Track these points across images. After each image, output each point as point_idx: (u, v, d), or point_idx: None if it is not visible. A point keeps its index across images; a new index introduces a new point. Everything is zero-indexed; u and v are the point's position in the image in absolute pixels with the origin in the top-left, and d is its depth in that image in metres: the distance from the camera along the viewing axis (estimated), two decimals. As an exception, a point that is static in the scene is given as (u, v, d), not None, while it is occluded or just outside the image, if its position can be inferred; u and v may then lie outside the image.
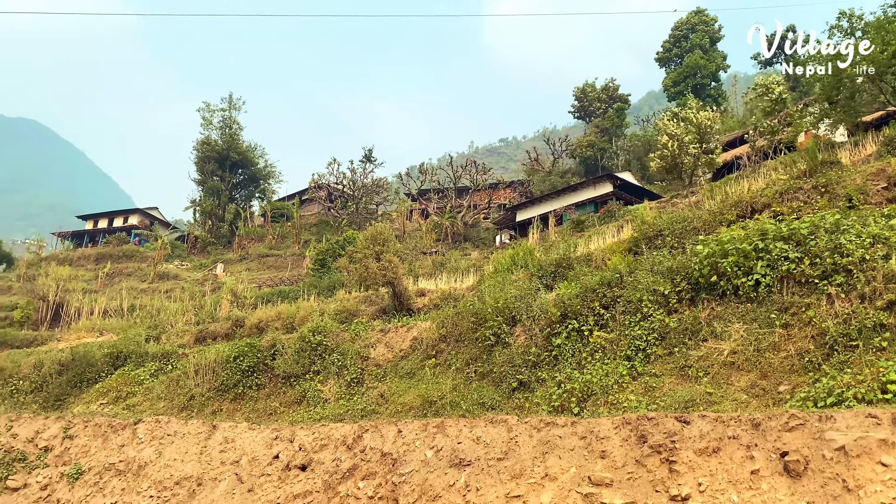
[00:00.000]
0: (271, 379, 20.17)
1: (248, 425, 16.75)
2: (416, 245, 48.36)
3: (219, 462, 15.70)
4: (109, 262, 55.08)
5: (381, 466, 13.20)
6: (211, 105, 68.45)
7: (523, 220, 49.54)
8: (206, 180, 66.39)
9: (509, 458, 11.79)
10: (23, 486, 17.85)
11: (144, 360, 23.66)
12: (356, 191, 61.09)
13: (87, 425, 19.06)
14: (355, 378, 18.91)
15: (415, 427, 13.64)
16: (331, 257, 41.13)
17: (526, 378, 15.38)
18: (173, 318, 32.82)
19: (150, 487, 15.81)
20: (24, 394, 23.61)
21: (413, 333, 20.12)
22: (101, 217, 74.64)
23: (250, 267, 52.58)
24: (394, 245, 26.55)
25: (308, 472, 14.20)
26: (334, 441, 14.55)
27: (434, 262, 37.21)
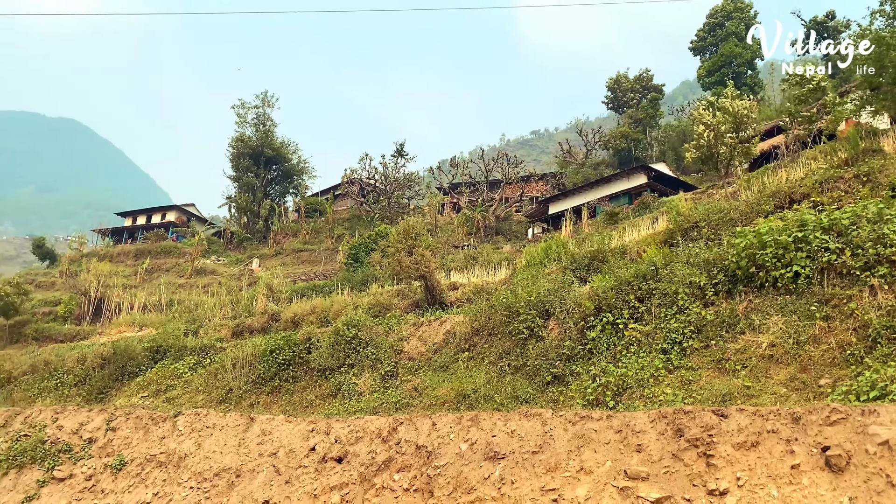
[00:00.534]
0: (307, 372, 20.41)
1: (284, 418, 16.99)
2: (448, 239, 48.39)
3: (257, 454, 15.97)
4: (148, 257, 56.20)
5: (416, 459, 13.30)
6: (245, 102, 69.40)
7: (556, 213, 49.23)
8: (241, 176, 67.30)
9: (544, 452, 11.78)
10: (69, 476, 18.36)
11: (183, 354, 24.11)
12: (388, 185, 61.36)
13: (128, 418, 19.52)
14: (389, 371, 19.04)
15: (449, 420, 13.70)
16: (364, 252, 41.41)
17: (560, 371, 15.33)
18: (211, 313, 33.40)
19: (191, 479, 16.15)
20: (69, 387, 24.25)
21: (446, 327, 20.15)
22: (139, 214, 76.17)
23: (285, 262, 53.18)
24: (426, 239, 26.64)
25: (344, 464, 14.37)
26: (369, 434, 14.69)
27: (466, 256, 37.20)
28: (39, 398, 23.76)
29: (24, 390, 24.70)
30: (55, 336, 36.83)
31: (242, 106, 69.14)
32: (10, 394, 24.70)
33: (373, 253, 37.24)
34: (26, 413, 21.48)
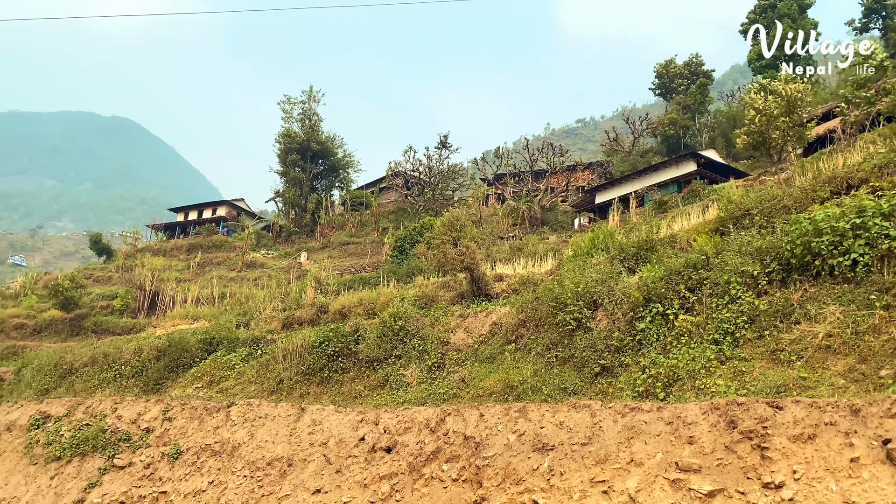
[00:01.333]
0: (355, 363, 20.66)
1: (334, 408, 17.26)
2: (493, 230, 48.28)
3: (308, 444, 16.27)
4: (200, 252, 57.58)
5: (464, 450, 13.37)
6: (291, 98, 70.36)
7: (603, 203, 48.65)
8: (288, 171, 68.34)
9: (593, 443, 11.71)
10: (128, 464, 19.02)
11: (235, 346, 24.66)
12: (432, 177, 61.50)
13: (184, 408, 20.10)
14: (436, 363, 19.14)
15: (497, 411, 13.72)
16: (409, 244, 41.61)
17: (609, 363, 15.19)
18: (261, 305, 34.05)
19: (244, 467, 16.56)
20: (126, 378, 25.05)
21: (492, 318, 20.14)
22: (191, 209, 78.03)
23: (332, 254, 53.84)
24: (471, 230, 26.61)
25: (393, 454, 14.53)
26: (417, 424, 14.82)
27: (511, 247, 37.07)
28: (99, 389, 24.59)
29: (85, 381, 25.60)
30: (113, 329, 38.06)
31: (288, 101, 70.17)
32: (72, 384, 25.63)
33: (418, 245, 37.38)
34: (87, 403, 22.28)
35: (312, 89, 70.84)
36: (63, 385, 25.85)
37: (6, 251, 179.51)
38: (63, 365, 26.84)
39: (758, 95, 33.30)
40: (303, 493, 14.89)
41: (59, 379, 26.30)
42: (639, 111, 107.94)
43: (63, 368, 26.70)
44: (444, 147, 62.47)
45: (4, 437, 22.14)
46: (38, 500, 19.02)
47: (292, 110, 70.01)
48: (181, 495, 16.79)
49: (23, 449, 21.32)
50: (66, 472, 19.61)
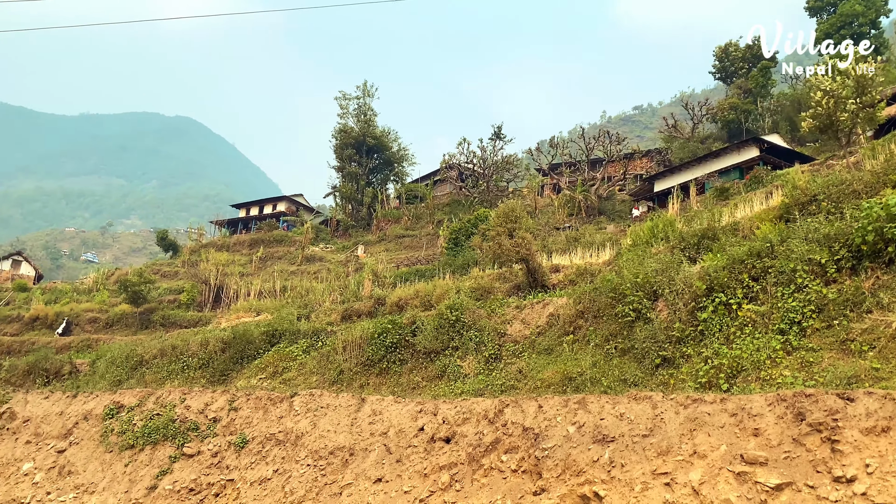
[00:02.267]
0: (413, 354, 20.84)
1: (393, 398, 17.48)
2: (549, 221, 47.91)
3: (368, 433, 16.53)
4: (261, 246, 58.99)
5: (523, 441, 13.37)
6: (347, 94, 71.17)
7: (662, 191, 47.68)
8: (344, 166, 69.26)
9: (655, 435, 11.55)
10: (197, 452, 19.68)
11: (297, 338, 25.20)
12: (486, 169, 61.36)
13: (248, 398, 20.67)
14: (493, 354, 19.14)
15: (555, 403, 13.66)
16: (464, 236, 41.67)
17: (670, 354, 14.92)
18: (321, 298, 34.68)
19: (308, 456, 16.95)
20: (194, 369, 25.90)
21: (549, 310, 20.01)
22: (252, 205, 79.99)
23: (388, 247, 54.37)
24: (526, 221, 26.44)
25: (452, 444, 14.63)
26: (476, 415, 14.87)
27: (567, 238, 36.71)
28: (168, 380, 25.51)
29: (155, 372, 26.59)
30: (180, 322, 39.39)
31: (344, 97, 71.00)
32: (143, 376, 26.67)
33: (473, 237, 37.39)
34: (157, 394, 23.14)
35: (367, 84, 71.51)
36: (134, 376, 26.91)
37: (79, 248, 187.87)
38: (134, 357, 27.93)
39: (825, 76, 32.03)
40: (364, 481, 15.15)
41: (130, 370, 27.38)
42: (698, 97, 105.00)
43: (134, 360, 27.78)
44: (499, 138, 62.23)
45: (82, 425, 23.20)
46: (114, 486, 19.88)
47: (348, 106, 70.88)
48: (247, 483, 17.30)
49: (99, 437, 22.30)
50: (139, 460, 20.42)
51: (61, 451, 22.35)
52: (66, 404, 24.59)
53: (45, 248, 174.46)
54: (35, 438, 23.49)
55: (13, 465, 22.60)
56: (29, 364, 30.76)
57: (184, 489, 18.39)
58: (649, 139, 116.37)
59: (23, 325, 43.69)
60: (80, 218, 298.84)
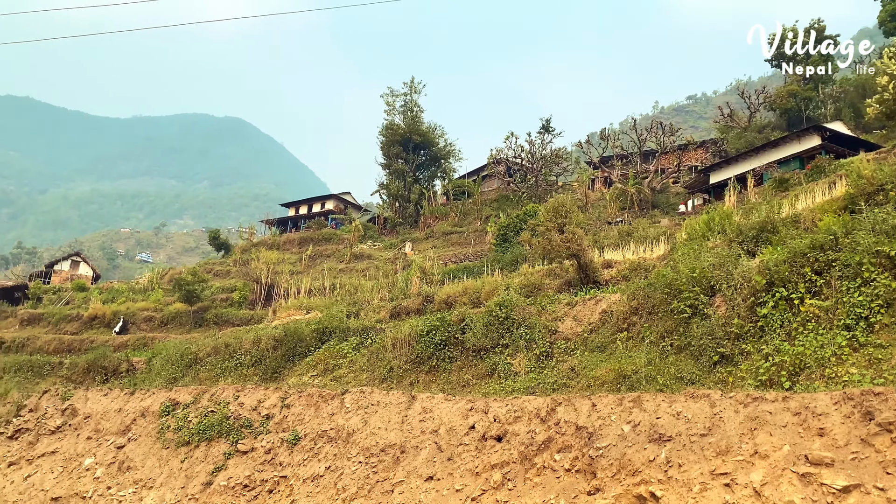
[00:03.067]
0: (462, 352, 20.90)
1: (443, 396, 17.56)
2: (600, 215, 47.33)
3: (419, 431, 16.65)
4: (311, 245, 59.88)
5: (576, 440, 13.27)
6: (394, 90, 71.56)
7: (717, 182, 46.60)
8: (391, 163, 69.69)
9: (713, 434, 11.33)
10: (250, 449, 20.15)
11: (347, 335, 25.55)
12: (535, 163, 60.91)
13: (300, 395, 21.05)
14: (544, 352, 19.06)
15: (609, 401, 13.53)
16: (512, 232, 41.50)
17: (728, 351, 14.61)
18: (370, 296, 35.05)
19: (359, 454, 17.17)
20: (246, 367, 26.50)
21: (602, 306, 19.82)
22: (301, 204, 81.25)
23: (436, 244, 54.54)
24: (576, 216, 26.18)
25: (504, 443, 14.63)
26: (528, 413, 14.84)
27: (620, 232, 36.20)
28: (222, 377, 26.16)
29: (209, 370, 27.29)
30: (232, 320, 40.29)
31: (391, 94, 71.45)
32: (197, 373, 27.41)
33: (522, 233, 37.21)
34: (212, 391, 23.76)
35: (414, 80, 71.77)
36: (189, 374, 27.67)
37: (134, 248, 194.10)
38: (188, 355, 28.72)
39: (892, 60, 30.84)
40: (416, 479, 15.27)
41: (185, 368, 28.18)
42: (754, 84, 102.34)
43: (188, 358, 28.57)
44: (547, 131, 61.67)
45: (140, 422, 23.99)
46: (171, 481, 20.51)
47: (395, 102, 71.28)
48: (300, 480, 17.63)
49: (156, 434, 23.03)
50: (194, 456, 21.01)
51: (120, 446, 23.17)
52: (124, 401, 25.45)
53: (102, 248, 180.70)
54: (96, 434, 24.40)
55: (76, 460, 23.53)
56: (88, 362, 31.94)
57: (238, 485, 18.85)
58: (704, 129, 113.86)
59: (82, 324, 45.39)
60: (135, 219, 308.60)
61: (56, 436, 25.24)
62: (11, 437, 25.86)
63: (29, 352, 39.64)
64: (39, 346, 40.53)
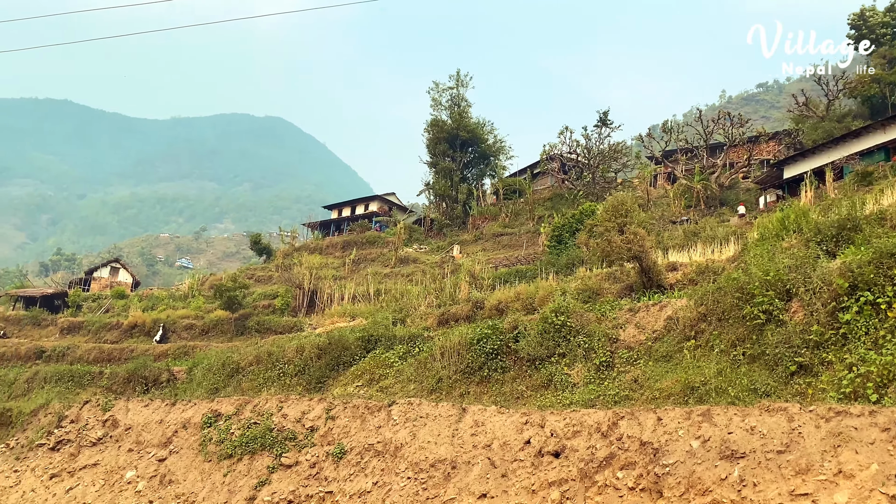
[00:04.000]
0: (515, 362, 20.82)
1: (496, 409, 17.52)
2: (664, 213, 46.69)
3: (471, 445, 16.65)
4: (354, 248, 60.62)
5: (640, 456, 13.10)
6: (440, 84, 71.80)
7: (792, 177, 45.44)
8: (437, 162, 69.95)
9: (791, 451, 11.03)
10: (295, 463, 20.43)
11: (393, 343, 25.73)
12: (591, 159, 60.40)
13: (346, 407, 21.27)
14: (604, 361, 18.88)
15: (676, 415, 13.32)
16: (568, 232, 41.26)
17: (807, 360, 14.22)
18: (416, 302, 35.26)
19: (408, 469, 17.25)
20: (290, 376, 26.93)
21: (667, 312, 19.54)
22: (344, 206, 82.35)
23: (485, 247, 54.58)
24: (638, 215, 25.90)
25: (562, 459, 14.52)
26: (587, 428, 14.70)
27: (685, 232, 35.67)
28: (264, 387, 26.64)
29: (251, 380, 27.84)
30: (274, 328, 41.02)
31: (437, 88, 71.73)
32: (240, 383, 27.98)
33: (578, 233, 37.02)
34: (254, 402, 24.21)
35: (460, 73, 71.90)
36: (231, 384, 28.27)
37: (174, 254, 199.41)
38: (230, 364, 29.35)
39: None
40: (468, 496, 15.27)
41: (227, 378, 28.80)
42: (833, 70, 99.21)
43: (230, 368, 29.20)
44: (605, 124, 61.09)
45: (181, 434, 24.60)
46: (214, 496, 20.96)
47: (441, 97, 71.57)
48: (346, 496, 17.81)
49: (197, 446, 23.58)
50: (237, 470, 21.43)
51: (162, 459, 23.79)
52: (165, 412, 26.14)
53: (141, 254, 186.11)
54: (137, 446, 25.13)
55: (117, 473, 24.27)
56: (129, 372, 32.95)
57: (282, 501, 19.15)
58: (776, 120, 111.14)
59: (122, 333, 46.90)
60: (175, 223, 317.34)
61: (97, 447, 26.07)
62: (53, 449, 26.82)
63: (69, 361, 41.16)
64: (80, 356, 42.02)
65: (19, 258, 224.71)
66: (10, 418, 30.86)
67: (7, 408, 31.85)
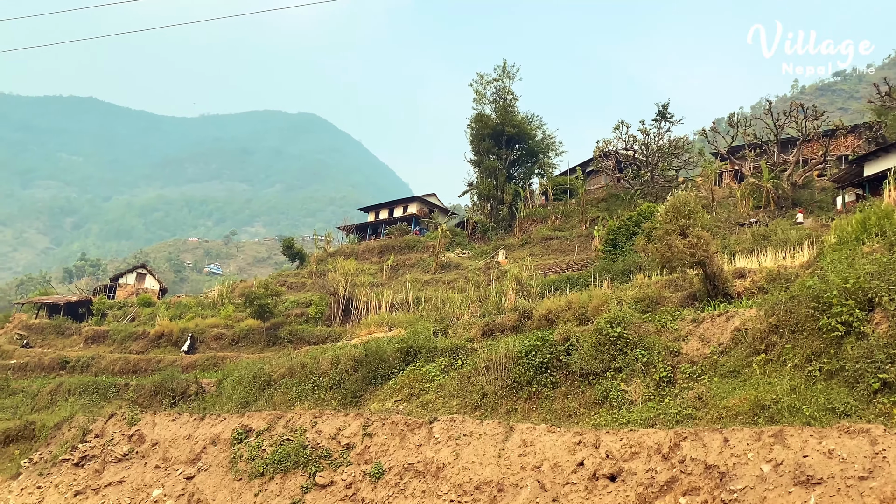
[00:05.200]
0: (567, 376, 20.71)
1: (546, 427, 17.44)
2: (730, 215, 46.02)
3: (518, 467, 16.59)
4: (392, 253, 60.96)
5: (705, 481, 12.93)
6: (484, 76, 71.69)
7: (874, 175, 44.29)
8: (481, 160, 69.89)
9: (876, 478, 10.77)
10: (330, 483, 20.62)
11: (434, 356, 25.78)
12: (650, 155, 59.73)
13: (384, 423, 21.39)
14: (665, 377, 18.68)
15: (745, 436, 13.13)
16: (623, 236, 40.91)
17: (892, 377, 13.87)
18: (458, 311, 35.31)
19: (450, 491, 17.27)
20: (324, 390, 27.20)
21: (734, 323, 19.28)
22: (381, 208, 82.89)
23: (533, 252, 54.39)
24: (702, 217, 25.58)
25: (618, 482, 14.40)
26: (646, 449, 14.56)
27: (754, 235, 35.11)
28: (297, 401, 26.95)
29: (283, 393, 28.20)
30: (308, 338, 41.52)
31: (481, 81, 71.63)
32: (271, 397, 28.35)
33: (635, 237, 36.67)
34: (287, 417, 24.51)
35: (506, 64, 71.73)
36: (262, 397, 28.66)
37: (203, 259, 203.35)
38: (261, 377, 29.76)
39: None
40: (515, 522, 15.23)
41: (258, 391, 29.21)
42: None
43: (262, 380, 29.60)
44: (664, 118, 60.34)
45: (210, 450, 25.02)
46: (244, 516, 21.28)
47: (485, 90, 71.44)
48: (384, 518, 17.90)
49: (227, 463, 23.95)
50: (269, 490, 21.69)
51: (190, 477, 24.21)
52: (193, 427, 26.62)
53: (168, 259, 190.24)
54: (164, 463, 25.62)
55: (143, 491, 24.77)
56: (155, 384, 33.68)
57: (317, 523, 19.34)
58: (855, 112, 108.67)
59: (148, 343, 47.97)
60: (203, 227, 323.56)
61: (123, 464, 26.66)
62: (77, 464, 27.50)
63: (94, 372, 42.29)
64: (104, 367, 43.14)
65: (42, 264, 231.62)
66: (33, 432, 31.78)
67: (30, 421, 32.82)
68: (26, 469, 28.89)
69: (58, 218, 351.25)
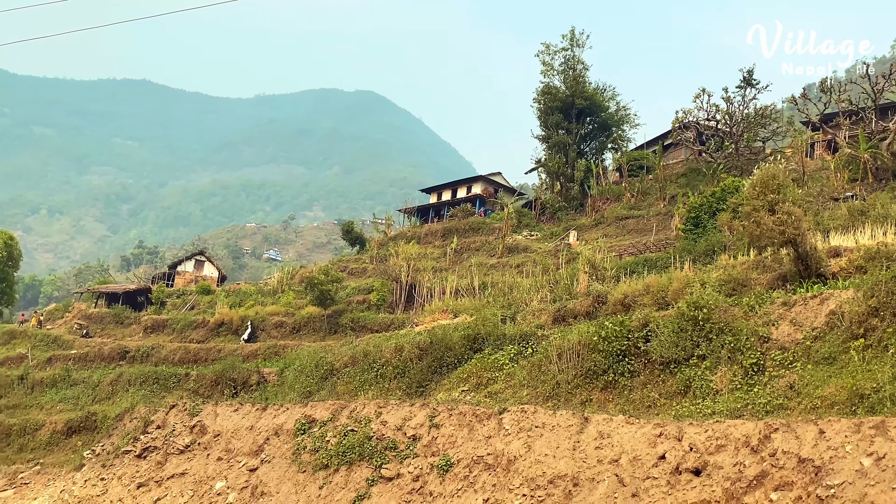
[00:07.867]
0: (646, 364, 20.58)
1: (624, 419, 17.37)
2: (823, 189, 44.69)
3: (595, 460, 16.57)
4: (456, 236, 61.12)
5: (798, 475, 12.73)
6: (551, 46, 70.93)
7: None
8: (550, 135, 69.28)
9: None
10: (396, 475, 20.94)
11: (502, 343, 25.87)
12: (734, 126, 58.30)
13: (451, 414, 21.59)
14: (753, 364, 18.41)
15: (842, 427, 12.87)
16: (706, 213, 40.22)
17: None
18: (527, 296, 35.26)
19: (522, 485, 17.36)
20: (388, 379, 27.60)
21: (829, 306, 18.87)
22: (443, 189, 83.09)
23: (607, 232, 53.83)
24: (792, 191, 25.04)
25: (703, 477, 14.30)
26: (733, 441, 14.42)
27: (850, 211, 34.05)
28: (361, 391, 27.41)
29: (346, 382, 28.72)
30: (370, 325, 42.09)
31: (547, 51, 70.84)
32: (334, 386, 28.90)
33: (719, 214, 35.96)
34: (351, 407, 24.95)
35: (575, 32, 70.78)
36: (325, 387, 29.24)
37: (261, 245, 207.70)
38: (324, 365, 30.35)
39: None
40: (592, 518, 15.23)
41: (320, 380, 29.82)
42: None
43: (324, 369, 30.19)
44: (750, 85, 58.71)
45: (273, 441, 25.66)
46: (309, 510, 21.79)
47: (553, 61, 70.62)
48: (454, 513, 18.11)
49: (291, 455, 24.53)
50: (334, 482, 22.16)
51: (253, 469, 24.90)
52: (255, 418, 27.32)
53: (226, 246, 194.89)
54: (226, 455, 26.40)
55: (206, 484, 25.60)
56: (216, 374, 34.66)
57: (384, 517, 19.68)
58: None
59: (208, 331, 49.29)
60: (261, 211, 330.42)
61: (185, 455, 27.56)
62: (139, 456, 28.56)
63: (154, 362, 43.71)
64: (164, 356, 44.54)
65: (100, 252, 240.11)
66: (95, 423, 33.16)
67: (92, 412, 34.23)
68: (89, 460, 30.15)
69: (114, 205, 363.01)
